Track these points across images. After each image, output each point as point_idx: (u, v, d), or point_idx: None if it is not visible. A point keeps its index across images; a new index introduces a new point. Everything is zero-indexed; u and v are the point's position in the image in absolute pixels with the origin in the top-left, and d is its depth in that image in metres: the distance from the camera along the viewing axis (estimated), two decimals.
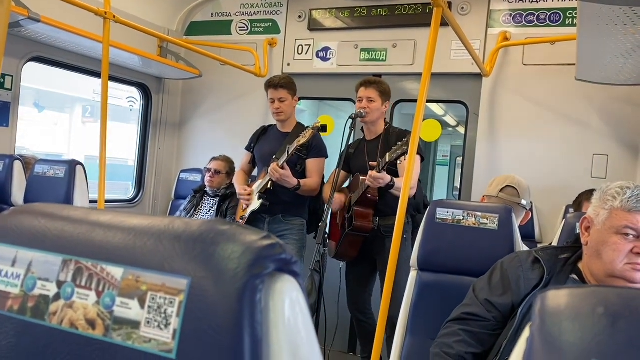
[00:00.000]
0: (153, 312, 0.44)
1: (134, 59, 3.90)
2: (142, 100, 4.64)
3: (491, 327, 1.62)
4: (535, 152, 3.58)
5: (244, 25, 4.52)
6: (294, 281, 0.46)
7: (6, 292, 0.50)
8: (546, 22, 3.58)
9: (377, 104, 3.05)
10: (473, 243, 2.00)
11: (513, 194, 2.27)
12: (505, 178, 2.34)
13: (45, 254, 0.50)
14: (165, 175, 4.74)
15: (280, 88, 3.22)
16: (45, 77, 5.71)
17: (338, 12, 4.16)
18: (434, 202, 2.12)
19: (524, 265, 1.66)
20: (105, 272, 0.47)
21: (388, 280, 2.17)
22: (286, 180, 3.02)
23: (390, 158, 2.75)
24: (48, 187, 3.00)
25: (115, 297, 0.46)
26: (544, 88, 3.57)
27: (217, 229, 0.46)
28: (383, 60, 4.03)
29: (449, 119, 7.14)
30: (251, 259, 0.43)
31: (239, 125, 4.35)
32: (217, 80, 4.55)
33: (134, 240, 0.47)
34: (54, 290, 0.48)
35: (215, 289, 0.43)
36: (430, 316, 1.99)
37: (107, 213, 0.52)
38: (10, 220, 0.54)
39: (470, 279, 1.83)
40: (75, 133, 8.09)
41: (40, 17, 2.99)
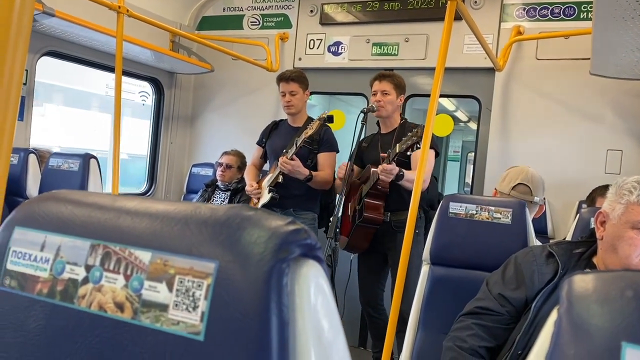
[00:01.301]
0: (181, 295, 0.45)
1: (146, 53, 3.92)
2: (155, 95, 4.67)
3: (505, 321, 1.62)
4: (548, 147, 3.55)
5: (255, 20, 4.52)
6: (319, 266, 0.47)
7: (36, 275, 0.51)
8: (560, 16, 3.55)
9: (392, 97, 3.05)
10: (486, 237, 2.00)
11: (525, 191, 2.23)
12: (518, 173, 2.28)
13: (73, 238, 0.51)
14: (177, 169, 4.77)
15: (291, 81, 3.23)
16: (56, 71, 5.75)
17: (350, 7, 4.15)
18: (446, 196, 2.12)
19: (538, 259, 1.65)
20: (133, 256, 0.48)
21: (400, 275, 2.17)
22: (298, 170, 3.03)
23: (400, 149, 2.75)
24: (62, 180, 3.03)
25: (143, 280, 0.46)
26: (558, 83, 3.55)
27: (243, 215, 0.47)
28: (395, 54, 4.01)
29: (460, 115, 7.10)
30: (277, 243, 0.44)
31: (251, 119, 4.36)
32: (229, 75, 4.56)
33: (161, 226, 0.48)
34: (82, 274, 0.49)
35: (242, 273, 0.43)
36: (443, 311, 1.99)
37: (132, 199, 0.53)
38: (38, 206, 0.55)
39: (483, 274, 1.83)
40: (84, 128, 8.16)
41: (55, 11, 3.01)
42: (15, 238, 0.54)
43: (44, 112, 7.33)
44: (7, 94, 0.75)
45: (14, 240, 0.54)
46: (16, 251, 0.53)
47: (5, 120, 0.75)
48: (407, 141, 2.73)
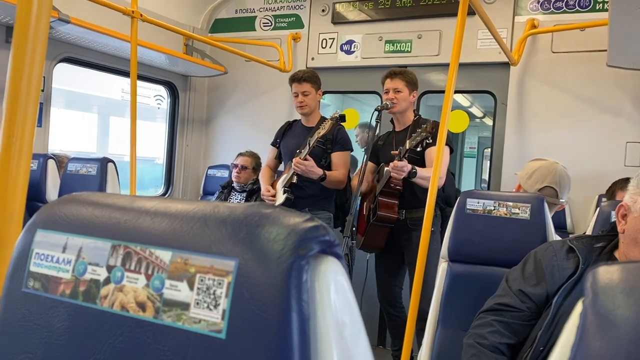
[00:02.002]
0: (202, 293, 0.45)
1: (160, 57, 3.95)
2: (169, 98, 4.70)
3: (525, 317, 1.60)
4: (565, 141, 3.51)
5: (267, 21, 4.53)
6: (338, 263, 0.47)
7: (58, 277, 0.52)
8: (575, 8, 3.50)
9: (404, 94, 3.03)
10: (504, 233, 1.98)
11: (551, 194, 2.08)
12: (545, 174, 2.09)
13: (94, 239, 0.51)
14: (194, 171, 4.81)
15: (303, 82, 3.23)
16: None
17: (362, 5, 4.15)
18: (463, 192, 2.10)
19: (558, 254, 1.63)
20: (153, 255, 0.48)
21: (418, 272, 2.17)
22: (311, 170, 3.03)
23: (410, 145, 2.73)
24: (81, 185, 3.07)
25: (164, 279, 0.47)
26: (574, 75, 3.50)
27: (262, 212, 0.47)
28: (408, 51, 4.00)
29: (475, 110, 7.05)
30: (296, 240, 0.44)
31: (265, 120, 4.38)
32: (242, 77, 4.58)
33: (181, 225, 0.48)
34: (104, 274, 0.50)
35: (262, 270, 0.43)
36: (462, 308, 1.98)
37: (151, 200, 0.53)
38: (59, 208, 0.56)
39: (502, 270, 1.82)
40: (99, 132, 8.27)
41: (70, 18, 3.05)
42: (38, 240, 0.54)
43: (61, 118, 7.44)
44: (26, 102, 0.76)
45: (37, 243, 0.54)
46: (39, 253, 0.54)
47: (24, 127, 0.76)
48: (417, 137, 2.72)
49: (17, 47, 0.78)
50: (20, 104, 0.74)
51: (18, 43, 0.77)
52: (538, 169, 2.14)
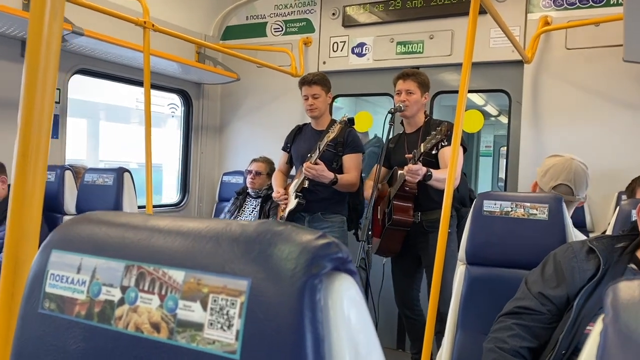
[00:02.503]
0: (215, 313, 0.45)
1: (173, 66, 3.99)
2: (183, 106, 4.74)
3: (546, 320, 1.57)
4: (583, 138, 3.46)
5: (278, 27, 4.55)
6: (351, 279, 0.46)
7: (73, 298, 0.52)
8: (589, 3, 3.46)
9: (417, 96, 3.01)
10: (523, 235, 1.95)
11: (567, 192, 2.03)
12: (560, 171, 2.04)
13: (108, 260, 0.51)
14: (209, 178, 4.83)
15: (313, 84, 3.23)
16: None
17: (372, 7, 4.14)
18: (480, 194, 2.08)
19: (578, 255, 1.60)
20: (166, 276, 0.48)
21: (436, 275, 2.15)
22: (322, 174, 3.02)
23: (424, 148, 2.71)
24: (98, 195, 3.10)
25: (177, 300, 0.47)
26: (590, 72, 3.46)
27: (274, 230, 0.46)
28: (420, 52, 3.98)
29: (490, 109, 6.99)
30: (308, 258, 0.44)
31: (278, 125, 4.38)
32: (255, 83, 4.60)
33: (193, 244, 0.48)
34: (118, 295, 0.50)
35: (275, 290, 0.43)
36: (481, 311, 1.95)
37: (164, 218, 0.53)
38: (73, 229, 0.56)
39: (522, 272, 1.79)
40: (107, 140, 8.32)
41: (84, 30, 3.08)
42: (53, 261, 0.55)
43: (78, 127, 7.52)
44: (40, 115, 0.77)
45: (52, 263, 0.55)
46: (54, 274, 0.54)
47: (39, 139, 0.76)
48: (432, 140, 2.69)
49: (30, 62, 0.79)
50: (35, 121, 0.74)
51: (31, 57, 0.78)
52: (552, 166, 2.09)
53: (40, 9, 0.78)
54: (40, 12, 0.77)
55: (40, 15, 0.78)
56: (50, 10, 0.78)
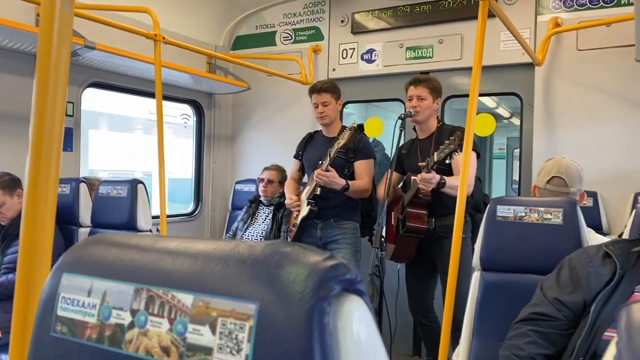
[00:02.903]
0: (224, 337, 0.45)
1: (184, 77, 4.02)
2: (195, 117, 4.77)
3: (562, 326, 1.55)
4: (596, 139, 3.42)
5: (287, 35, 4.57)
6: (361, 301, 0.46)
7: (84, 321, 0.53)
8: (600, 3, 3.43)
9: (428, 101, 2.99)
10: (537, 240, 1.94)
11: (560, 184, 2.16)
12: (552, 166, 2.21)
13: (118, 283, 0.52)
14: (222, 187, 4.85)
15: (323, 92, 3.24)
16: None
17: (380, 13, 4.14)
18: (493, 199, 2.07)
19: (593, 260, 1.59)
20: (175, 299, 0.48)
21: (450, 282, 2.13)
22: (334, 181, 3.02)
23: (438, 157, 2.69)
24: (113, 207, 3.13)
25: (187, 324, 0.47)
26: (602, 72, 3.42)
27: (282, 252, 0.46)
28: (429, 57, 3.97)
29: (502, 111, 6.95)
30: (317, 281, 0.43)
31: (289, 133, 4.40)
32: (265, 91, 4.62)
33: (202, 266, 0.48)
34: (128, 318, 0.50)
35: (283, 313, 0.43)
36: (497, 317, 1.94)
37: (174, 239, 0.54)
38: (84, 251, 0.57)
39: (537, 277, 1.78)
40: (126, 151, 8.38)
41: (96, 44, 3.12)
42: (64, 284, 0.55)
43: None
44: (50, 129, 0.78)
45: (63, 287, 0.55)
46: (65, 297, 0.55)
47: (50, 153, 0.77)
48: (445, 149, 2.67)
49: (39, 86, 0.79)
50: (45, 144, 0.75)
51: (40, 83, 0.79)
52: (546, 165, 2.27)
53: (49, 26, 0.79)
54: (49, 29, 0.79)
55: (49, 32, 0.79)
56: (58, 27, 0.79)
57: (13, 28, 2.78)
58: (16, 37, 2.93)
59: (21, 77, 3.29)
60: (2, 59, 3.20)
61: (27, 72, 3.32)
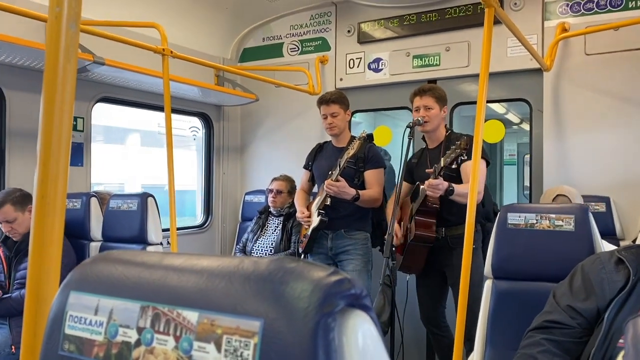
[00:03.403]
0: (230, 355, 0.45)
1: (193, 90, 4.05)
2: (204, 129, 4.80)
3: (576, 334, 1.53)
4: (607, 144, 3.39)
5: (294, 46, 4.59)
6: (366, 315, 0.46)
7: (92, 339, 0.53)
8: (607, 7, 3.41)
9: (435, 110, 2.99)
10: (549, 247, 1.92)
11: (565, 201, 2.47)
12: (554, 190, 2.63)
13: (124, 301, 0.52)
14: (231, 199, 4.87)
15: (331, 103, 3.24)
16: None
17: (387, 22, 4.15)
18: (504, 207, 2.05)
19: (606, 266, 1.57)
20: (181, 316, 0.48)
21: (462, 291, 2.11)
22: (344, 191, 3.01)
23: (444, 163, 2.67)
24: (123, 221, 3.15)
25: (192, 341, 0.47)
26: (611, 76, 3.40)
27: (286, 267, 0.46)
28: (437, 65, 3.97)
29: (511, 117, 6.91)
30: (321, 296, 0.43)
31: (297, 143, 4.41)
32: (273, 102, 4.64)
33: (207, 283, 0.48)
34: (134, 336, 0.50)
35: (288, 330, 0.43)
36: (510, 326, 1.92)
37: (179, 256, 0.54)
38: (91, 269, 0.57)
39: (549, 285, 1.76)
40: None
41: (105, 60, 3.16)
42: (71, 302, 0.55)
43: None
44: (57, 146, 0.79)
45: (70, 305, 0.55)
46: (72, 315, 0.55)
47: (58, 169, 0.78)
48: (451, 154, 2.66)
49: (46, 105, 0.80)
50: (52, 162, 0.76)
51: (47, 101, 0.80)
52: (548, 190, 2.76)
53: (55, 45, 0.80)
54: (56, 48, 0.79)
55: (55, 51, 0.80)
56: (64, 46, 0.80)
57: (24, 46, 2.82)
58: (26, 54, 2.98)
59: (32, 94, 3.34)
60: (14, 76, 3.24)
61: (37, 89, 3.35)
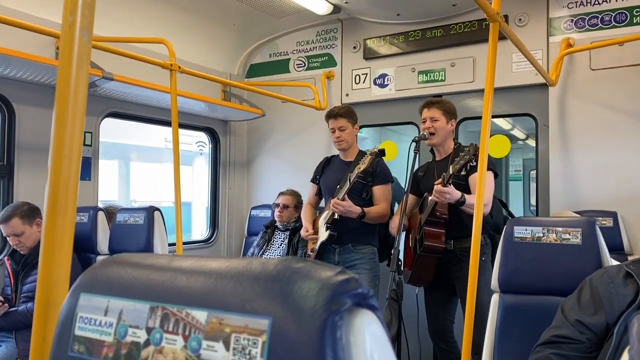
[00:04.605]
0: (238, 353, 0.45)
1: (200, 105, 4.09)
2: (211, 144, 4.83)
3: (586, 349, 1.52)
4: (614, 159, 3.39)
5: (301, 62, 4.63)
6: (373, 315, 0.46)
7: (101, 340, 0.53)
8: (612, 23, 3.43)
9: (441, 122, 3.00)
10: (556, 260, 1.91)
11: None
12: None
13: (133, 302, 0.53)
14: (237, 213, 4.88)
15: (340, 117, 3.26)
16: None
17: (392, 39, 4.19)
18: (510, 220, 2.05)
19: (615, 280, 1.55)
20: (190, 316, 0.49)
21: (469, 305, 2.10)
22: (350, 210, 3.03)
23: (453, 170, 2.67)
24: (130, 234, 3.16)
25: (201, 340, 0.47)
26: (617, 91, 3.41)
27: (293, 267, 0.47)
28: (442, 80, 3.99)
29: (517, 133, 6.92)
30: (328, 295, 0.44)
31: (303, 158, 4.42)
32: (280, 118, 4.67)
33: (215, 284, 0.49)
34: (144, 336, 0.51)
35: (295, 328, 0.43)
36: (517, 341, 1.90)
37: (187, 259, 0.54)
38: (100, 271, 0.58)
39: (557, 299, 1.74)
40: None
41: (114, 75, 3.20)
42: (81, 304, 0.56)
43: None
44: (69, 162, 0.80)
45: (80, 307, 0.56)
46: (82, 317, 0.55)
47: (68, 185, 0.79)
48: (460, 161, 2.65)
49: (58, 113, 0.82)
50: (64, 169, 0.77)
51: (59, 109, 0.81)
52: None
53: (69, 54, 0.81)
54: (69, 57, 0.81)
55: (68, 60, 0.81)
56: (77, 54, 0.82)
57: (34, 61, 2.86)
58: (37, 69, 3.02)
59: (40, 108, 3.38)
60: (23, 90, 3.29)
61: (46, 104, 3.40)
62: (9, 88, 3.23)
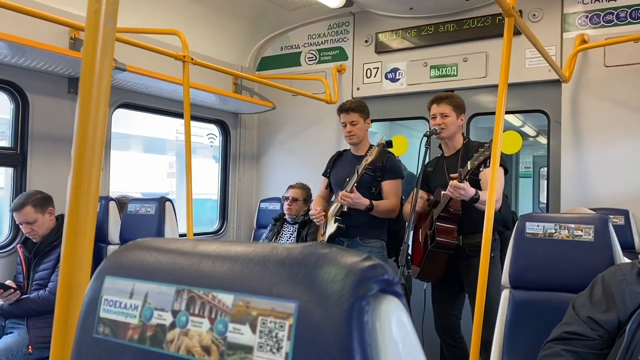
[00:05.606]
0: (265, 336, 0.45)
1: (211, 97, 4.10)
2: (221, 136, 4.84)
3: (597, 346, 1.51)
4: (627, 156, 3.36)
5: (312, 56, 4.63)
6: (398, 302, 0.46)
7: (126, 322, 0.54)
8: (627, 19, 3.40)
9: (452, 118, 2.98)
10: (568, 257, 1.90)
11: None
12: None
13: (159, 285, 0.53)
14: (247, 205, 4.89)
15: (351, 111, 3.25)
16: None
17: (404, 33, 4.17)
18: (522, 216, 2.04)
19: (627, 278, 1.55)
20: (216, 299, 0.49)
21: (479, 301, 2.09)
22: (358, 202, 3.03)
23: (472, 166, 2.64)
24: (141, 224, 3.18)
25: (227, 323, 0.48)
26: (631, 88, 3.38)
27: (319, 253, 0.47)
28: (454, 75, 3.98)
29: (527, 130, 6.88)
30: (355, 280, 0.44)
31: (313, 152, 4.43)
32: (290, 111, 4.67)
33: (241, 268, 0.49)
34: (169, 319, 0.51)
35: (322, 312, 0.43)
36: (527, 337, 1.90)
37: (212, 243, 0.55)
38: (125, 255, 0.58)
39: (568, 295, 1.74)
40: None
41: (126, 66, 3.21)
42: (106, 287, 0.57)
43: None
44: (92, 151, 0.81)
45: (105, 289, 0.57)
46: (108, 299, 0.56)
47: (91, 175, 0.80)
48: (479, 157, 2.63)
49: (82, 98, 0.83)
50: (87, 153, 0.78)
51: (83, 95, 0.82)
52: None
53: (93, 41, 0.82)
54: (93, 43, 0.82)
55: (93, 46, 0.82)
56: (102, 41, 0.82)
57: (48, 51, 2.88)
58: (51, 59, 3.04)
59: (54, 98, 3.40)
60: (37, 80, 3.31)
61: (60, 94, 3.42)
62: (23, 77, 3.25)
